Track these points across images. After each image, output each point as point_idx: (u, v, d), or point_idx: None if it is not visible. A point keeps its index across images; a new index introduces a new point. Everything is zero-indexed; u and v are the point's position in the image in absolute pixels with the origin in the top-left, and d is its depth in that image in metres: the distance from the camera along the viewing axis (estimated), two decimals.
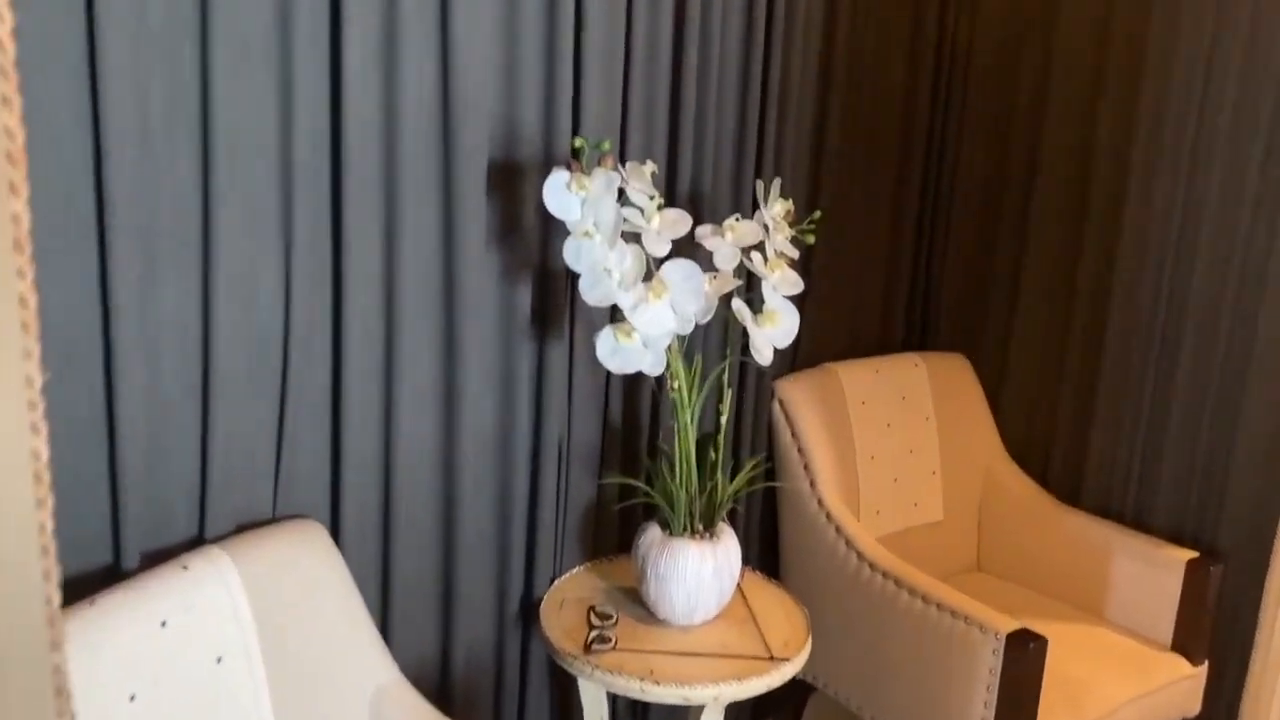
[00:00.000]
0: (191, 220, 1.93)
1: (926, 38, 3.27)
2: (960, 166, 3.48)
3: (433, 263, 2.26)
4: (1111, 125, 3.10)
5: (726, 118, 2.74)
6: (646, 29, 2.51)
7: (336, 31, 2.04)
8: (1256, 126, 2.81)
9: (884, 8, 3.15)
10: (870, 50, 3.14)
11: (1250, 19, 2.80)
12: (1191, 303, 2.94)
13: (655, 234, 2.17)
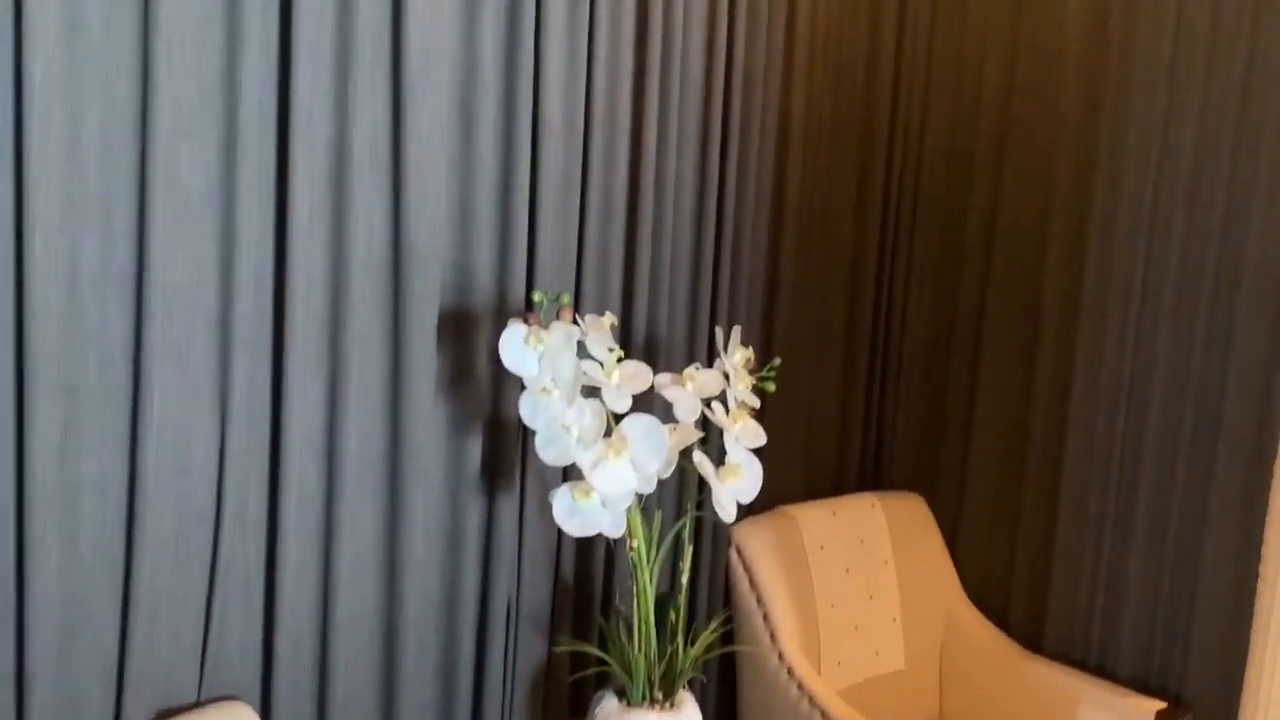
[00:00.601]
0: (120, 382, 1.80)
1: (874, 181, 3.30)
2: (910, 307, 3.48)
3: (378, 417, 2.15)
4: (1060, 267, 3.12)
5: (681, 262, 2.70)
6: (602, 173, 2.47)
7: (283, 179, 1.96)
8: (1202, 271, 2.84)
9: (833, 153, 3.18)
10: (820, 194, 3.15)
11: (1192, 163, 2.86)
12: (1147, 444, 2.93)
13: (615, 389, 2.08)
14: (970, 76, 3.35)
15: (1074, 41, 3.11)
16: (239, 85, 1.86)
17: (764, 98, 2.90)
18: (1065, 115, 3.13)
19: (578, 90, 2.41)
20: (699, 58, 2.68)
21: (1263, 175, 2.77)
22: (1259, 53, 2.79)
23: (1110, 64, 3.02)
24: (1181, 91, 2.91)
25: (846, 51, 3.16)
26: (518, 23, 2.25)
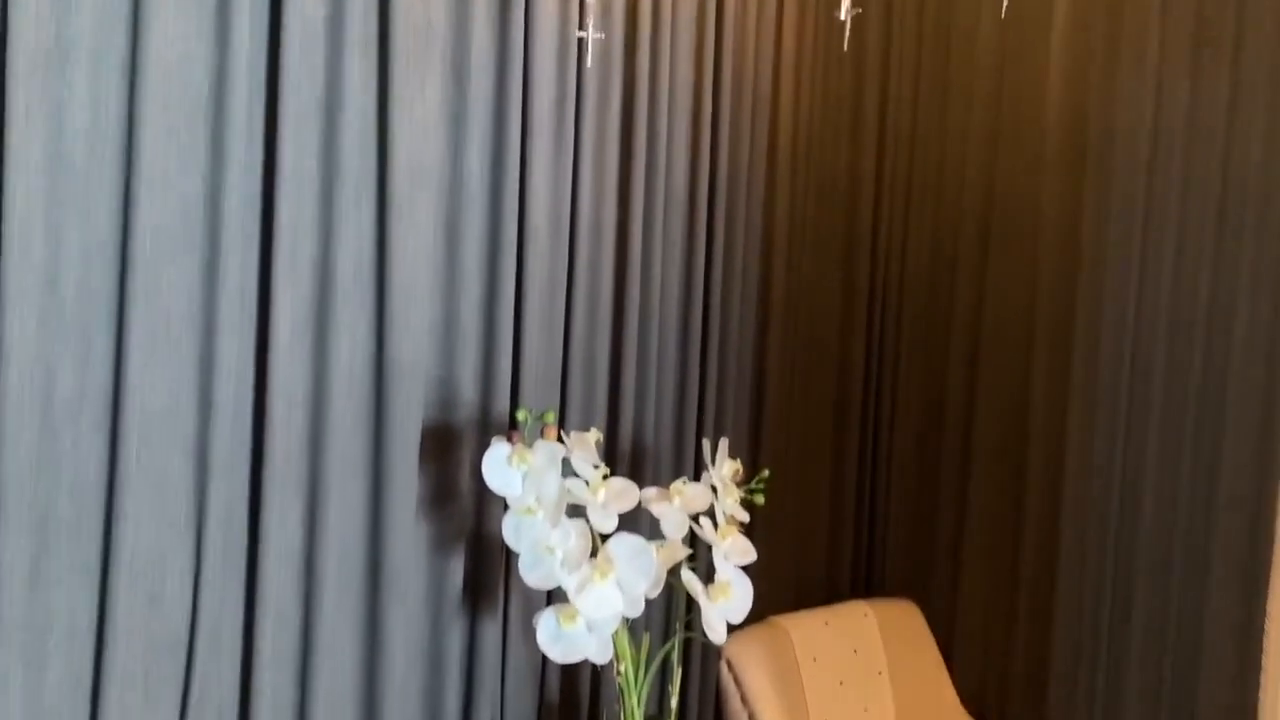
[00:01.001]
0: (92, 509, 1.76)
1: (859, 285, 3.31)
2: (898, 411, 3.46)
3: (358, 538, 2.10)
4: (1047, 369, 3.11)
5: (667, 371, 2.68)
6: (588, 282, 2.47)
7: (265, 301, 1.94)
8: (1189, 369, 2.84)
9: (817, 258, 3.19)
10: (805, 299, 3.15)
11: (1173, 261, 2.87)
12: (1140, 542, 2.89)
13: (601, 508, 2.04)
14: (951, 180, 3.38)
15: (1054, 143, 3.15)
16: (222, 207, 1.85)
17: (747, 204, 2.92)
18: (1047, 216, 3.16)
19: (563, 200, 2.41)
20: (683, 167, 2.70)
21: (1244, 274, 2.78)
22: (1235, 148, 2.83)
23: (1090, 166, 3.06)
24: (1160, 190, 2.94)
25: (828, 158, 3.20)
26: (504, 136, 2.27)
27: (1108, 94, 3.05)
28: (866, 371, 3.37)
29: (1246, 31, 2.84)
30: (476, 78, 2.20)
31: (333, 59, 2.00)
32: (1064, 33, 3.10)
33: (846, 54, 3.07)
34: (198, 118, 1.83)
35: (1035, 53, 3.16)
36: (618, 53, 2.51)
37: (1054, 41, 3.12)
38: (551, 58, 2.33)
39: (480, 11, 2.19)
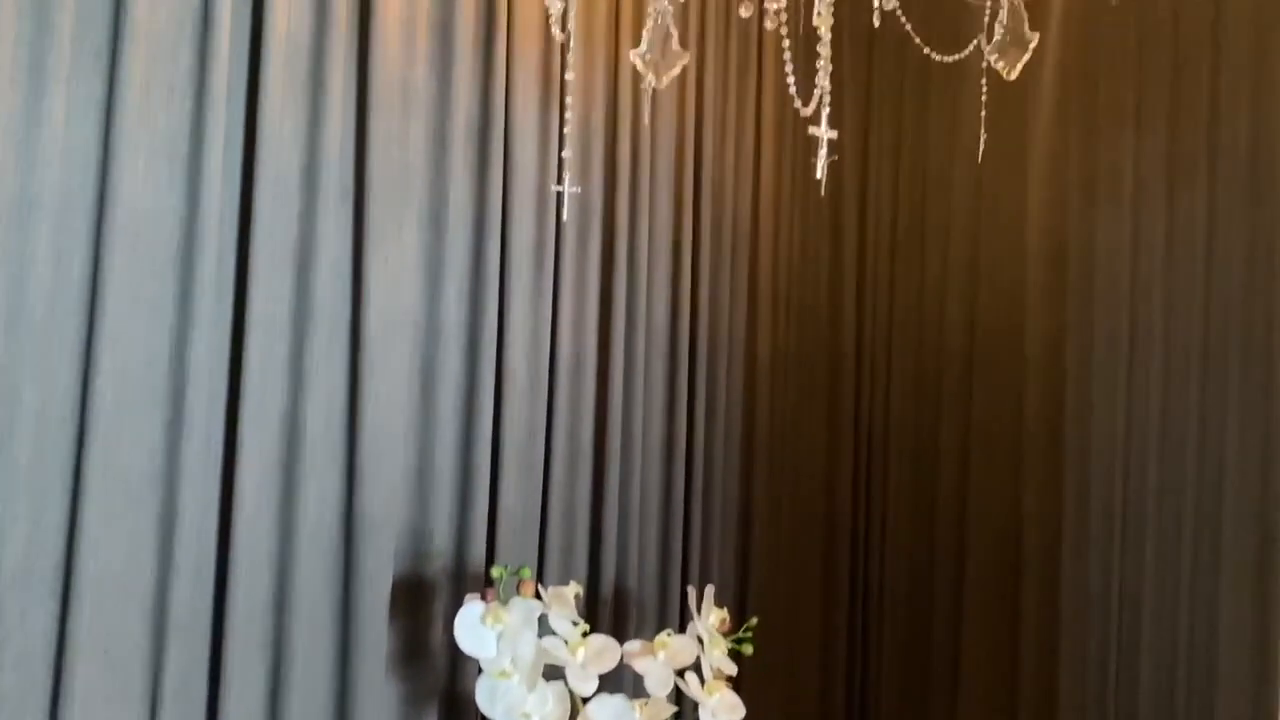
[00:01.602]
0: (39, 680, 1.65)
1: (844, 415, 3.26)
2: (888, 544, 3.37)
3: (324, 701, 1.99)
4: (1038, 500, 3.05)
5: (650, 516, 2.61)
6: (568, 423, 2.42)
7: (231, 456, 1.88)
8: (1182, 506, 2.78)
9: (801, 389, 3.15)
10: (790, 433, 3.10)
11: (1161, 384, 2.84)
12: (1143, 689, 2.78)
13: (580, 669, 1.94)
14: (932, 310, 3.37)
15: (1034, 273, 3.15)
16: (188, 361, 1.80)
17: (729, 341, 2.89)
18: (1030, 344, 3.14)
19: (543, 342, 2.38)
20: (664, 305, 2.68)
21: (1233, 394, 2.75)
22: (1216, 272, 2.84)
23: (1071, 291, 3.05)
24: (1144, 316, 2.93)
25: (809, 292, 3.19)
26: (482, 281, 2.24)
27: (1086, 223, 3.06)
28: (854, 507, 3.30)
29: (1220, 159, 2.88)
30: (454, 224, 2.19)
31: (307, 207, 1.98)
32: (1040, 166, 3.14)
33: (825, 190, 3.08)
34: (166, 269, 1.79)
35: (1011, 186, 3.19)
36: (597, 196, 2.51)
37: (1030, 175, 3.15)
38: (531, 204, 2.33)
39: (458, 160, 2.19)
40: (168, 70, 1.77)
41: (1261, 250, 2.80)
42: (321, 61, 1.99)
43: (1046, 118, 3.10)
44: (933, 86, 3.28)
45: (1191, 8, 2.96)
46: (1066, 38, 3.02)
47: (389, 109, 2.08)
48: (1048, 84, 3.03)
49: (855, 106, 3.31)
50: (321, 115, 1.98)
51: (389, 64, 2.08)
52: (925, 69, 3.02)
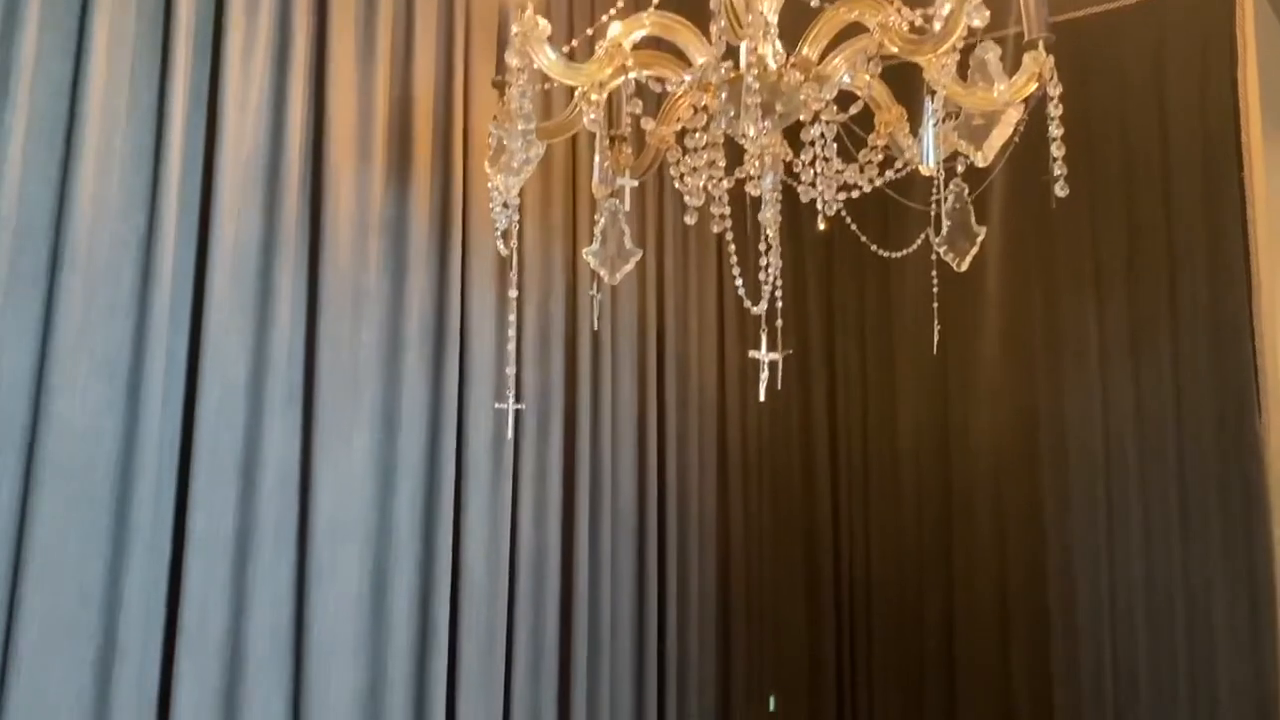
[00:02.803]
0: None
1: (823, 585, 3.18)
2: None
3: None
4: (1026, 672, 2.96)
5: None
6: (530, 624, 2.33)
7: (167, 684, 1.77)
8: (1175, 677, 2.69)
9: (777, 561, 3.07)
10: (770, 610, 3.01)
11: (1143, 561, 2.79)
12: None
13: None
14: (909, 473, 3.32)
15: (1006, 434, 3.12)
16: (122, 590, 1.71)
17: (700, 514, 2.83)
18: (1008, 504, 3.09)
19: (502, 536, 2.31)
20: (630, 486, 2.63)
21: (1215, 559, 2.70)
22: (1186, 431, 2.82)
23: (1044, 454, 3.02)
24: (1119, 483, 2.90)
25: (781, 454, 3.15)
26: (437, 479, 2.18)
27: (1054, 387, 3.06)
28: (839, 686, 3.18)
29: (1181, 319, 2.89)
30: (408, 424, 2.14)
31: (253, 416, 1.93)
32: (1003, 331, 3.14)
33: (793, 360, 3.08)
34: (101, 494, 1.72)
35: (976, 350, 3.19)
36: (558, 381, 2.48)
37: (994, 339, 3.16)
38: (488, 400, 2.28)
39: (412, 361, 2.16)
40: (108, 291, 1.74)
41: (1231, 412, 2.79)
42: (270, 268, 1.97)
43: (1007, 283, 3.13)
44: (893, 263, 3.32)
45: (1141, 166, 3.03)
46: (1018, 204, 3.07)
47: (339, 312, 2.05)
48: (1006, 251, 3.06)
49: (819, 281, 3.34)
50: (269, 322, 1.95)
51: (340, 267, 2.06)
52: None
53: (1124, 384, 2.94)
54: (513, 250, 1.58)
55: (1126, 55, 3.11)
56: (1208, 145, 2.96)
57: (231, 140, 1.91)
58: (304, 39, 2.04)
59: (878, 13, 1.56)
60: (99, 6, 1.74)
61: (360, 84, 2.14)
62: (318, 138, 2.07)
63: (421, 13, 2.26)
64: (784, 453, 3.19)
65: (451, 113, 2.29)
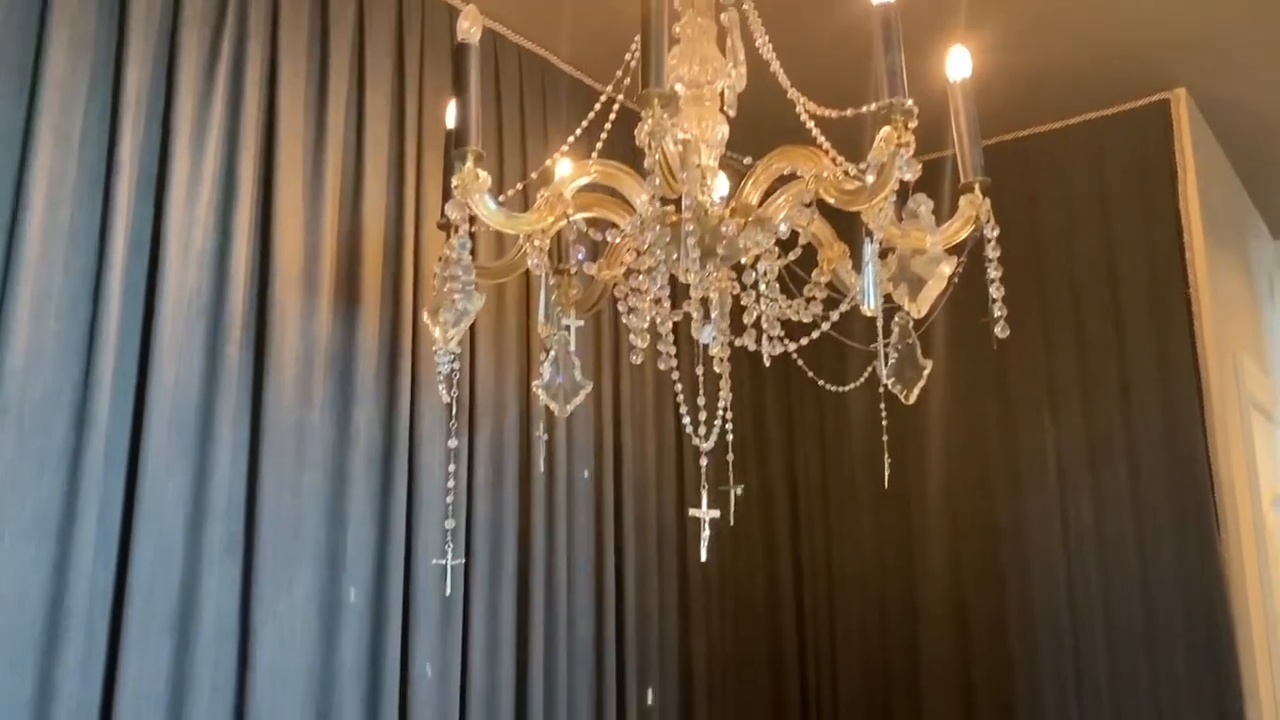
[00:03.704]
0: None
1: (790, 703, 3.10)
2: None
3: None
4: None
5: None
6: None
7: None
8: None
9: (742, 703, 2.99)
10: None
11: (1109, 686, 2.74)
12: None
13: None
14: (874, 593, 3.28)
15: (968, 553, 3.09)
16: None
17: (661, 646, 2.76)
18: (973, 622, 3.05)
19: (452, 677, 2.23)
20: (587, 618, 2.57)
21: (1182, 677, 2.67)
22: (1148, 549, 2.80)
23: (1007, 573, 3.00)
24: (1083, 598, 2.88)
25: (744, 584, 3.10)
26: (383, 622, 2.11)
27: (1014, 505, 3.05)
28: None
29: (1136, 437, 2.90)
30: (353, 567, 2.08)
31: (190, 567, 1.87)
32: (962, 449, 3.14)
33: (756, 486, 3.08)
34: (25, 658, 1.64)
35: (937, 468, 3.18)
36: (510, 512, 2.43)
37: (953, 457, 3.15)
38: (437, 538, 2.23)
39: (358, 502, 2.11)
40: (38, 445, 1.70)
41: (1191, 531, 2.79)
42: (211, 410, 1.93)
43: (964, 403, 3.13)
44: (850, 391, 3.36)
45: (1090, 283, 3.07)
46: (971, 323, 3.09)
47: (282, 453, 2.01)
48: (961, 370, 3.07)
49: (779, 408, 3.35)
50: (209, 467, 1.91)
51: (284, 406, 2.03)
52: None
53: (1083, 503, 2.94)
54: (453, 399, 1.56)
55: (1072, 172, 3.18)
56: (1153, 261, 3.01)
57: (174, 282, 1.89)
58: (250, 179, 2.04)
59: (812, 165, 1.58)
60: (39, 148, 1.74)
61: (308, 222, 2.13)
62: (263, 276, 2.05)
63: (371, 151, 2.27)
64: (748, 580, 3.14)
65: (402, 247, 2.29)
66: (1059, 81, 3.04)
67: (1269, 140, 3.47)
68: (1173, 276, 2.98)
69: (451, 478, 1.75)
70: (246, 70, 2.07)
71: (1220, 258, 3.27)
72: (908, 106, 1.45)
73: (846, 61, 1.48)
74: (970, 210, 1.65)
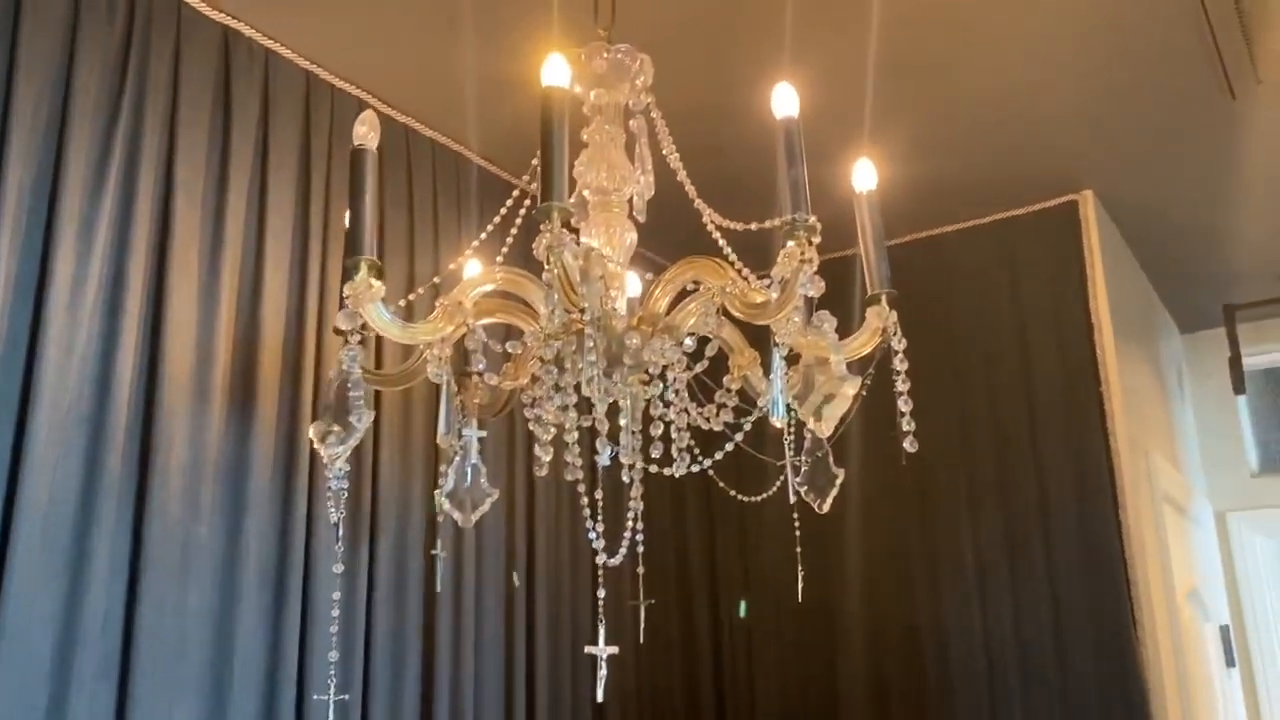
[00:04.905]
0: None
1: None
2: None
3: None
4: None
5: None
6: None
7: None
8: None
9: None
10: None
11: None
12: None
13: None
14: (794, 701, 3.20)
15: (889, 657, 3.04)
16: None
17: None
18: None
19: None
20: None
21: None
22: (1069, 651, 2.79)
23: (930, 671, 2.95)
24: (1002, 697, 2.84)
25: (663, 700, 3.00)
26: None
27: (934, 605, 3.02)
28: None
29: (1053, 536, 2.89)
30: (240, 690, 1.95)
31: (58, 689, 1.73)
32: (881, 562, 3.11)
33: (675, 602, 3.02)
34: None
35: (858, 569, 3.14)
36: (414, 623, 2.32)
37: (872, 558, 3.12)
38: (335, 655, 2.11)
39: (248, 620, 1.98)
40: None
41: (1109, 633, 2.77)
42: (89, 525, 1.80)
43: (885, 503, 3.11)
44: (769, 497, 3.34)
45: (1005, 380, 3.08)
46: (889, 423, 3.09)
47: (165, 570, 1.89)
48: (878, 476, 3.04)
49: (700, 520, 3.31)
50: (83, 586, 1.77)
51: (169, 519, 1.91)
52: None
53: (1003, 606, 2.91)
54: (340, 520, 1.47)
55: (985, 270, 3.22)
56: (1066, 361, 3.04)
57: (50, 389, 1.78)
58: (140, 279, 1.94)
59: (718, 279, 1.55)
60: None
61: (201, 324, 2.04)
62: (150, 381, 1.95)
63: (272, 250, 2.20)
64: (666, 696, 3.05)
65: (302, 352, 2.20)
66: (970, 181, 3.10)
67: (1173, 239, 3.57)
68: (1085, 376, 3.01)
69: (336, 605, 1.64)
70: (141, 165, 1.99)
71: (1131, 355, 3.33)
72: (810, 223, 1.43)
73: (757, 166, 1.46)
74: (876, 322, 1.63)
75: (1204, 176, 3.16)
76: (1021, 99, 2.70)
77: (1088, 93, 2.70)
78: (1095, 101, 2.75)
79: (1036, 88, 2.67)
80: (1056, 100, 2.73)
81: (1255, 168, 3.10)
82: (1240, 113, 2.83)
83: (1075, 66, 2.59)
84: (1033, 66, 2.58)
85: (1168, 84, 2.69)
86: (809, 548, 1.95)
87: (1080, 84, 2.67)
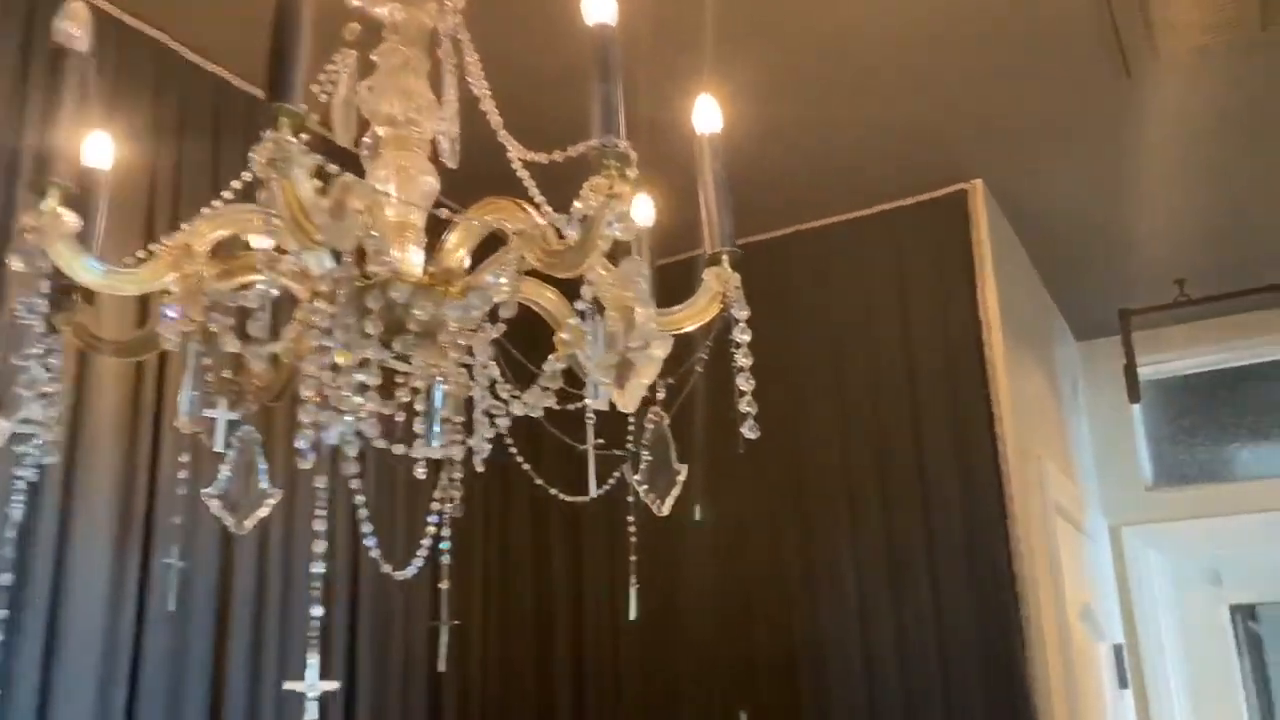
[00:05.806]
0: None
1: None
2: None
3: None
4: None
5: None
6: None
7: None
8: None
9: None
10: None
11: None
12: None
13: None
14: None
15: (764, 676, 2.79)
16: None
17: None
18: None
19: None
20: None
21: None
22: (952, 668, 2.58)
23: (804, 688, 2.72)
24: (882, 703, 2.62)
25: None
26: None
27: (813, 621, 2.77)
28: None
29: (938, 550, 2.69)
30: None
31: None
32: (760, 562, 2.86)
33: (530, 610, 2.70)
34: None
35: (736, 584, 2.88)
36: (203, 642, 1.98)
37: (748, 573, 2.87)
38: (90, 672, 1.77)
39: None
40: None
41: (996, 651, 2.56)
42: None
43: (760, 511, 2.85)
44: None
45: (888, 382, 2.86)
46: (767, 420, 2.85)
47: None
48: (752, 474, 2.78)
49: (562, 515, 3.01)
50: None
51: None
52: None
53: (884, 624, 2.67)
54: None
55: (870, 263, 3.00)
56: (952, 360, 2.83)
57: None
58: None
59: (516, 219, 1.25)
60: None
61: None
62: None
63: None
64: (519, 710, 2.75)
65: None
66: (856, 167, 2.88)
67: (1068, 237, 3.40)
68: (972, 377, 2.80)
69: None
70: None
71: (1021, 358, 3.14)
72: (621, 149, 1.15)
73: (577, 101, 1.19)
74: (717, 286, 1.36)
75: (1098, 167, 3.00)
76: (908, 82, 2.50)
77: (977, 73, 2.50)
78: (983, 82, 2.55)
79: (923, 70, 2.47)
80: (943, 83, 2.53)
81: (1151, 157, 2.93)
82: (1136, 97, 2.66)
83: (962, 45, 2.39)
84: (917, 47, 2.38)
85: (1061, 64, 2.51)
86: (645, 557, 1.64)
87: (968, 64, 2.47)
